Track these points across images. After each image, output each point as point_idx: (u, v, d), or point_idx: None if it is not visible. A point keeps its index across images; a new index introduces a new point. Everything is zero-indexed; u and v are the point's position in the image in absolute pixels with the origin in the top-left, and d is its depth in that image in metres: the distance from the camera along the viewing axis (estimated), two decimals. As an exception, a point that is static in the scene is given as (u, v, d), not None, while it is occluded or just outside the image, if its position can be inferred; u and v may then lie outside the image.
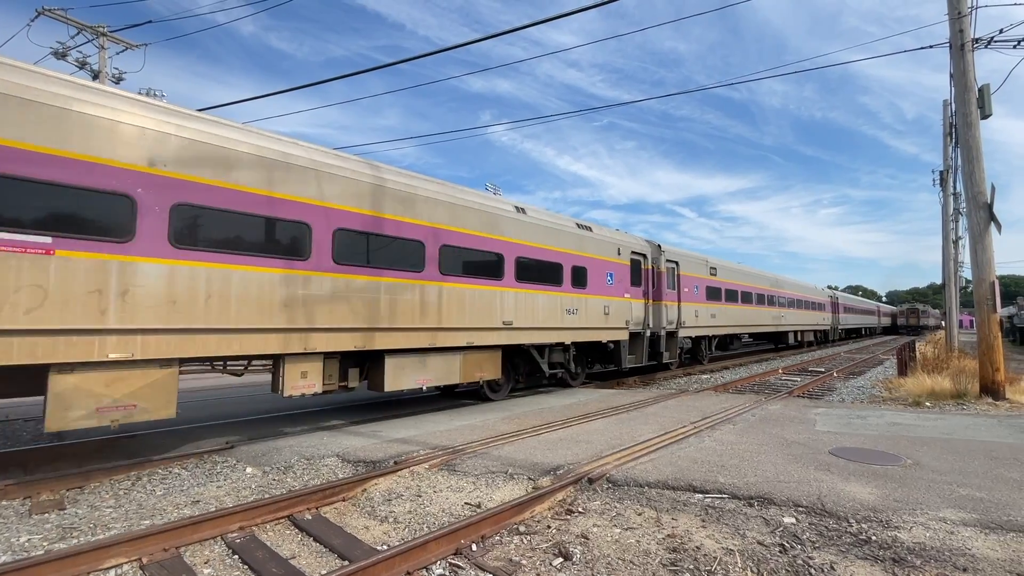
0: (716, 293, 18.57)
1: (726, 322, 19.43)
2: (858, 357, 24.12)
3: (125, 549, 3.67)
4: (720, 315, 18.83)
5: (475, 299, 9.32)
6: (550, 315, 10.92)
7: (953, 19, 10.00)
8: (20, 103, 4.93)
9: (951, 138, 19.68)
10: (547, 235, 11.00)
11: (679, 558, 3.57)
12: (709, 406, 9.49)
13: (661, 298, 14.77)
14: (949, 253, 21.49)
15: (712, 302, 18.25)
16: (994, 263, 9.67)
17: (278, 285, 6.66)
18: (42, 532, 4.20)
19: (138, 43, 18.01)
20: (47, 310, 4.97)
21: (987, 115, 9.78)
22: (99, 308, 5.28)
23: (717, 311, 18.58)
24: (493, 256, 9.77)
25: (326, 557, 3.84)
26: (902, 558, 3.46)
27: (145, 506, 4.80)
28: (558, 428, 7.60)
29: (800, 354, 26.86)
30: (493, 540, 3.97)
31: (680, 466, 5.47)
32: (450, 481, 5.31)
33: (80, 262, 5.20)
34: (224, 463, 6.18)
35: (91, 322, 5.22)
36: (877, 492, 4.62)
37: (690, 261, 16.98)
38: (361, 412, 9.46)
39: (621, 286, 13.04)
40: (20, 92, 4.95)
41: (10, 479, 5.30)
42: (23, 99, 4.96)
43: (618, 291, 12.91)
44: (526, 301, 10.38)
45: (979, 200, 9.66)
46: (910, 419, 8.14)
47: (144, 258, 5.62)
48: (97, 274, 5.28)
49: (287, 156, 6.92)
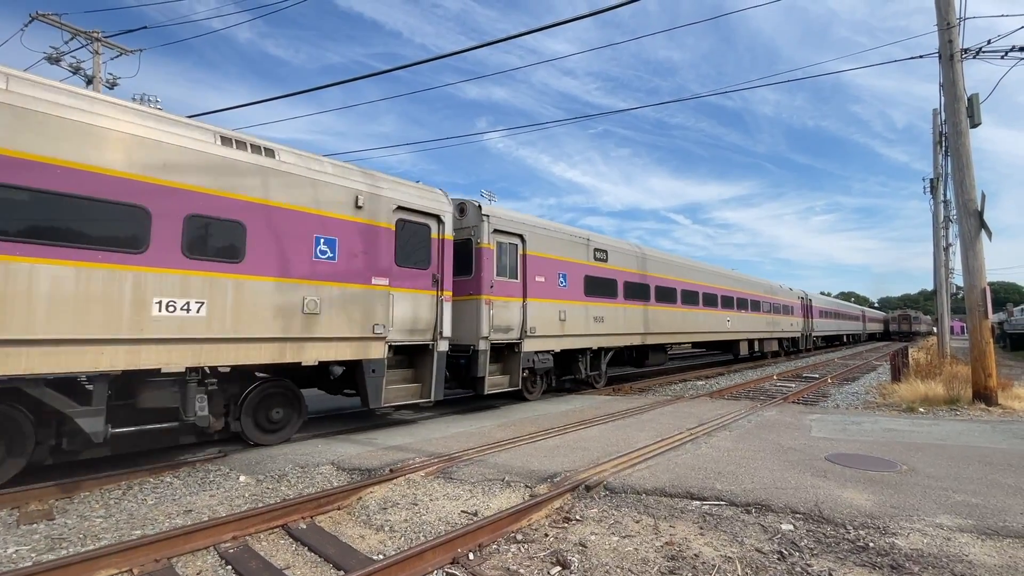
0: (605, 287, 13.24)
1: (623, 328, 13.81)
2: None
3: (116, 560, 3.61)
4: (613, 319, 13.34)
5: None
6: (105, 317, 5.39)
7: (942, 30, 10.16)
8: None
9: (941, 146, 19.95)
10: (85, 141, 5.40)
11: (678, 566, 3.55)
12: (705, 412, 9.49)
13: (481, 290, 9.77)
14: (940, 260, 21.70)
15: (596, 299, 12.80)
16: (985, 269, 9.76)
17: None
18: (30, 543, 4.12)
19: (133, 48, 17.97)
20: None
21: (976, 124, 9.91)
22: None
23: (607, 313, 13.14)
24: None
25: (321, 567, 3.78)
26: (900, 564, 3.46)
27: (136, 516, 4.73)
28: (554, 435, 7.57)
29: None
30: (490, 549, 3.93)
31: (677, 473, 5.46)
32: (446, 489, 5.27)
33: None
34: (217, 471, 6.10)
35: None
36: (874, 498, 4.62)
37: (550, 237, 11.55)
38: (355, 420, 9.38)
39: (363, 264, 7.77)
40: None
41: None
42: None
43: (351, 272, 7.61)
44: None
45: (970, 207, 9.77)
46: (904, 425, 8.17)
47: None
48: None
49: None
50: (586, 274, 12.56)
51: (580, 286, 12.33)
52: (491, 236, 10.11)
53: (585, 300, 12.45)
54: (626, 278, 14.12)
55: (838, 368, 21.30)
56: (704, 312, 18.68)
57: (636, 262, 14.79)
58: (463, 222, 10.13)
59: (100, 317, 5.35)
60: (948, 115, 10.25)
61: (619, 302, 13.76)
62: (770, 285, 26.22)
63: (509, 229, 10.55)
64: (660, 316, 15.68)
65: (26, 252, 5.00)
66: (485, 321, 9.76)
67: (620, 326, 13.73)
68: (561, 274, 11.78)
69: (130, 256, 5.61)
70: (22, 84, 5.14)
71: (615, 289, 13.67)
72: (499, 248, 10.33)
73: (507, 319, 10.28)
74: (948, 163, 18.21)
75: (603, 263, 13.32)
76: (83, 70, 17.43)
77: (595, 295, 12.80)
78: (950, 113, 10.10)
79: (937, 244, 21.89)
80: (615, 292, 13.65)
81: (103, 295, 5.38)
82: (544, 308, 11.13)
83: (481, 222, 9.99)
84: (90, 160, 5.43)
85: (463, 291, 9.83)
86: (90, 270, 5.34)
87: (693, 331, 17.90)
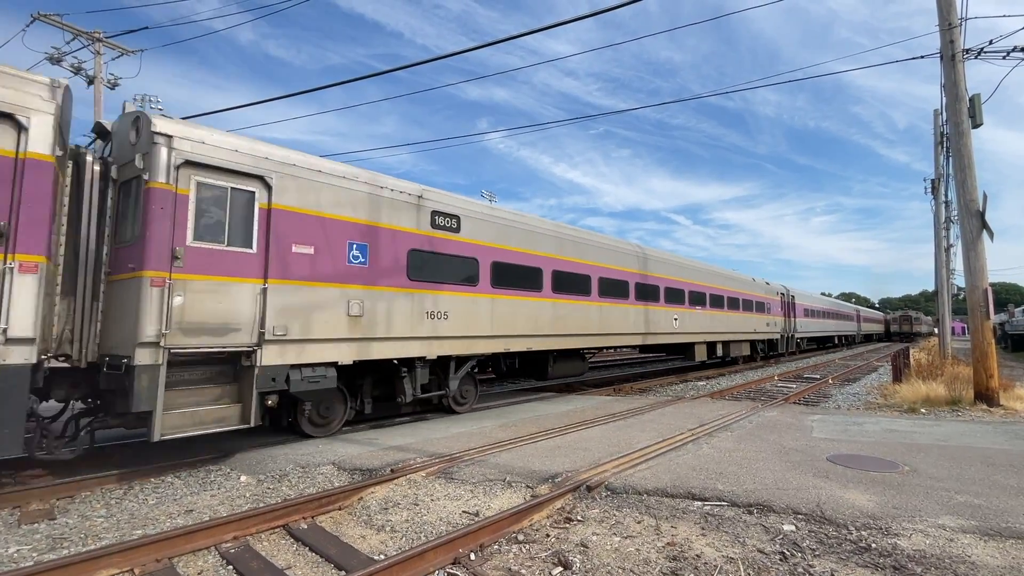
0: (454, 268, 9.40)
1: (487, 329, 9.90)
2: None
3: (117, 560, 3.61)
4: (468, 314, 9.50)
5: None
6: None
7: (944, 30, 10.15)
8: None
9: (942, 147, 19.93)
10: None
11: (679, 566, 3.54)
12: (706, 413, 9.48)
13: (146, 263, 5.76)
14: (942, 260, 21.68)
15: (433, 286, 8.95)
16: (987, 270, 9.75)
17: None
18: (31, 543, 4.12)
19: (134, 49, 18.00)
20: None
21: (978, 124, 9.90)
22: None
23: (459, 306, 9.34)
24: None
25: (322, 567, 3.78)
26: (903, 565, 3.45)
27: (137, 515, 4.73)
28: (555, 435, 7.56)
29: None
30: (492, 549, 3.93)
31: (679, 473, 5.45)
32: (447, 489, 5.26)
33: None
34: (218, 471, 6.10)
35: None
36: (876, 499, 4.61)
37: (332, 187, 7.63)
38: (355, 419, 9.38)
39: None
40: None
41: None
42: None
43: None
44: None
45: (971, 208, 9.76)
46: (906, 425, 8.15)
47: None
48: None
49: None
50: (412, 247, 8.65)
51: (401, 265, 8.45)
52: (178, 173, 6.06)
53: (410, 287, 8.54)
54: (495, 257, 10.19)
55: (838, 369, 21.28)
56: (639, 308, 14.52)
57: (519, 237, 10.79)
58: (131, 149, 6.20)
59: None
60: (949, 115, 10.25)
61: (481, 292, 9.82)
62: (741, 278, 22.44)
63: (230, 166, 6.51)
64: (566, 312, 11.77)
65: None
66: (153, 314, 5.67)
67: (482, 326, 9.79)
68: (354, 244, 7.81)
69: None
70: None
71: (475, 272, 9.75)
72: (200, 194, 6.26)
73: (219, 312, 6.23)
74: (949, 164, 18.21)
75: (451, 233, 9.36)
76: (84, 71, 17.46)
77: (430, 280, 8.89)
78: (951, 113, 10.09)
79: (938, 245, 21.88)
80: (475, 277, 9.74)
81: None
82: (311, 295, 7.16)
83: (154, 147, 5.91)
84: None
85: (123, 265, 6.12)
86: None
87: (619, 332, 13.73)
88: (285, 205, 7.05)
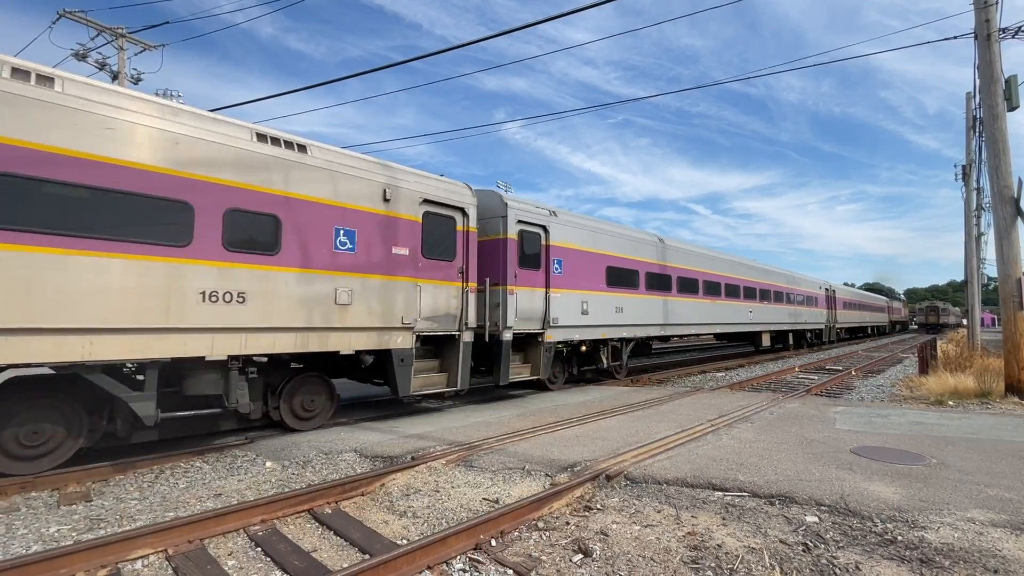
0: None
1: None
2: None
3: (151, 540, 3.74)
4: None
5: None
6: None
7: (979, 8, 9.75)
8: None
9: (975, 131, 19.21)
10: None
11: (700, 556, 3.54)
12: (725, 404, 9.40)
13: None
14: (972, 249, 21.02)
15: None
16: (1021, 259, 9.43)
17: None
18: (71, 523, 4.29)
19: (156, 44, 18.27)
20: None
21: (1014, 107, 9.52)
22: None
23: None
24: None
25: (347, 551, 3.87)
26: (930, 559, 3.39)
27: (169, 499, 4.89)
28: (574, 425, 7.58)
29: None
30: (512, 536, 3.97)
31: (698, 464, 5.43)
32: (467, 477, 5.33)
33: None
34: (244, 457, 6.26)
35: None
36: (902, 492, 4.53)
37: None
38: (376, 408, 9.52)
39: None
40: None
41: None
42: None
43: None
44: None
45: (1005, 194, 9.42)
46: (933, 418, 7.98)
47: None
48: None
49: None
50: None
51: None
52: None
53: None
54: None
55: (862, 360, 20.86)
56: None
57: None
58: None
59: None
60: (983, 98, 9.86)
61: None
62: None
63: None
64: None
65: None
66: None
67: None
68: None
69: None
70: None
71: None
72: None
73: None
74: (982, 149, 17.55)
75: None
76: (109, 66, 17.80)
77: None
78: (985, 96, 9.72)
79: (969, 233, 21.19)
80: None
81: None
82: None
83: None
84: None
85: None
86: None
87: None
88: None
